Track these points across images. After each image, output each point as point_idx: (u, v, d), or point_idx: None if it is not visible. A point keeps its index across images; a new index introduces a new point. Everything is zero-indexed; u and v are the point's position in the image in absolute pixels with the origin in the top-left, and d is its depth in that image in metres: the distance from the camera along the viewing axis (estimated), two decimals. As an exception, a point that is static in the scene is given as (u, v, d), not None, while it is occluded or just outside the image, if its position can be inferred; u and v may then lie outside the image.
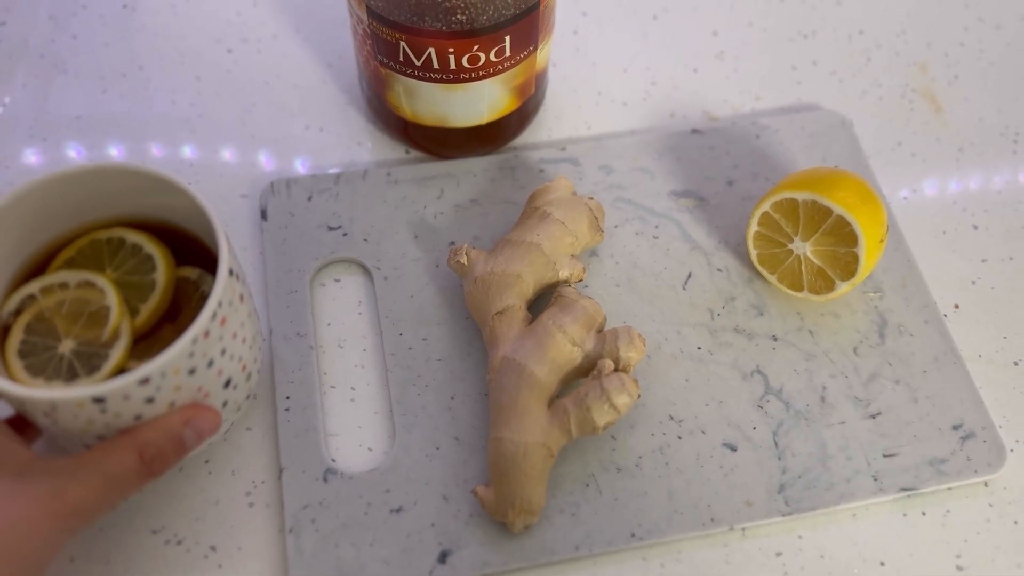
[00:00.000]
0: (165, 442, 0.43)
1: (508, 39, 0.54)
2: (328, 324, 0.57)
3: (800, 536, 0.52)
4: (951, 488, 0.53)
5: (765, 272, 0.57)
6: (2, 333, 0.46)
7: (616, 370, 0.51)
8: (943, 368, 0.56)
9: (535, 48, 0.57)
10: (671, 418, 0.54)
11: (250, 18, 0.70)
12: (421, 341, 0.56)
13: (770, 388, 0.55)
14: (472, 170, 0.62)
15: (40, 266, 0.48)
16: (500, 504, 0.49)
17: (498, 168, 0.62)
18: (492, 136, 0.62)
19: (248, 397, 0.50)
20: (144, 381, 0.41)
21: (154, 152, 0.63)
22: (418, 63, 0.55)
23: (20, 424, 0.46)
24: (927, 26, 0.73)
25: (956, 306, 0.60)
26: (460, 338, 0.56)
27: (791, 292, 0.57)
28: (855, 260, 0.54)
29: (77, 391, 0.40)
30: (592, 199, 0.57)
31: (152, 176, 0.46)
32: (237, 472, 0.52)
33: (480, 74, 0.56)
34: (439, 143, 0.62)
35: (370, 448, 0.53)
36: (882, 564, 0.51)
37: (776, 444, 0.53)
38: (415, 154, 0.64)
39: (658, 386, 0.55)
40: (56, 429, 0.43)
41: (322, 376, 0.55)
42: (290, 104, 0.66)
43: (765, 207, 0.55)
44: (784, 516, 0.51)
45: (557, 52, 0.69)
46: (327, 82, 0.67)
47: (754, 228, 0.56)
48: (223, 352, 0.45)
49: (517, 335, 0.52)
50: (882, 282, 0.59)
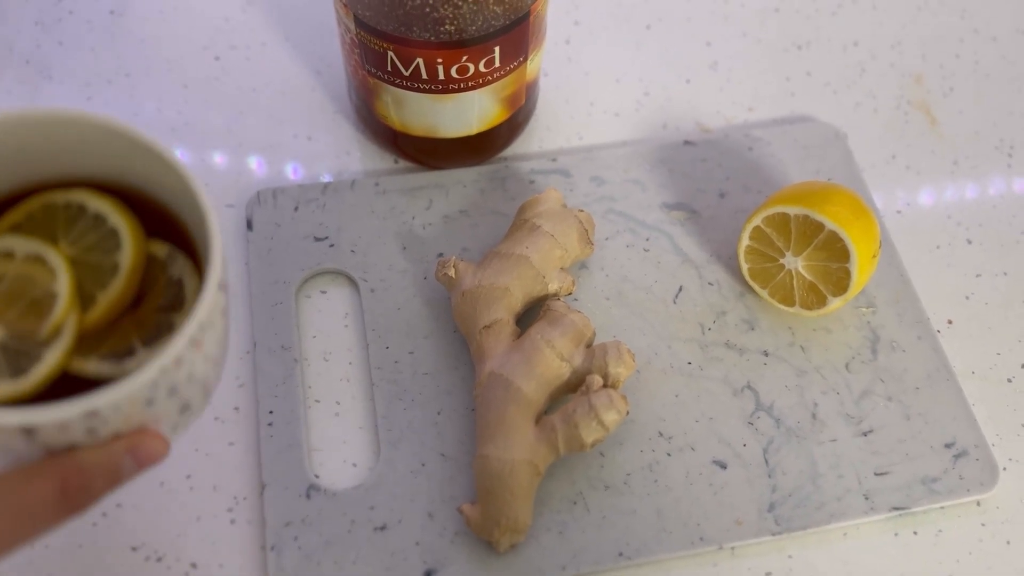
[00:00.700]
0: (97, 473, 0.34)
1: (497, 50, 0.53)
2: (313, 337, 0.56)
3: (790, 556, 0.51)
4: (943, 507, 0.53)
5: (756, 287, 0.57)
6: None
7: (605, 386, 0.50)
8: (936, 385, 0.56)
9: (525, 59, 0.56)
10: (660, 435, 0.53)
11: (239, 25, 0.69)
12: (408, 355, 0.55)
13: (761, 404, 0.54)
14: (461, 181, 0.61)
15: None
16: (486, 522, 0.48)
17: (488, 179, 0.61)
18: (482, 146, 0.61)
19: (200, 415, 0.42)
20: (91, 414, 0.32)
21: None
22: (406, 73, 0.54)
23: None
24: (922, 38, 0.72)
25: (949, 322, 0.59)
26: (447, 352, 0.55)
27: (783, 307, 0.56)
28: (847, 275, 0.53)
29: (4, 417, 0.31)
30: (582, 211, 0.57)
31: (138, 142, 0.37)
32: (219, 488, 0.51)
33: (469, 85, 0.55)
34: (428, 153, 0.61)
35: (354, 464, 0.52)
36: (873, 584, 0.50)
37: (767, 462, 0.52)
38: (404, 164, 0.63)
39: (648, 402, 0.54)
40: None
41: (306, 390, 0.54)
42: (278, 113, 0.65)
43: (757, 221, 0.55)
44: (774, 535, 0.50)
45: (549, 62, 0.69)
46: (316, 90, 0.66)
47: (745, 242, 0.56)
48: (189, 378, 0.36)
49: (505, 349, 0.51)
50: (875, 297, 0.58)
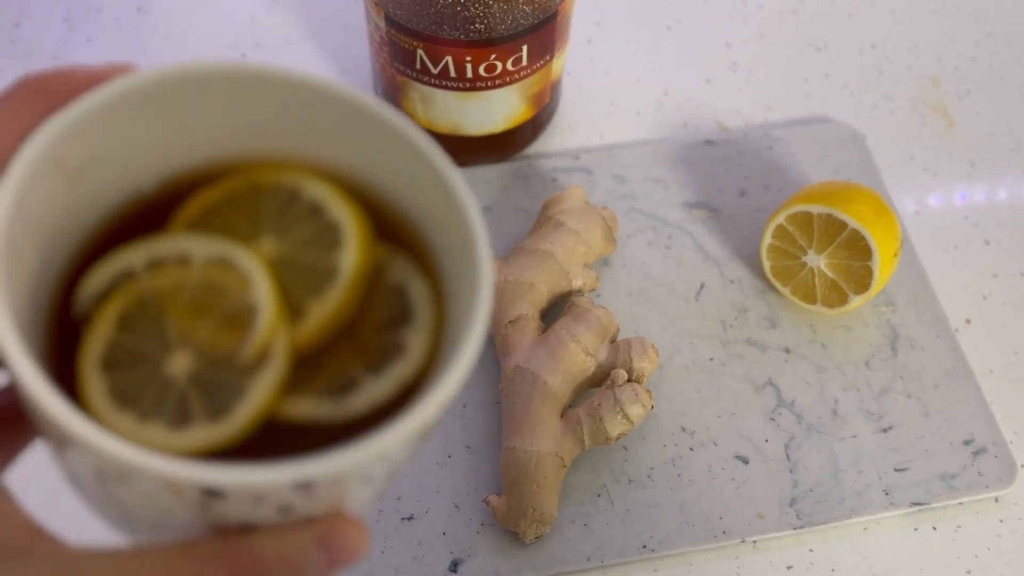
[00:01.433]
0: (277, 567, 0.25)
1: (525, 48, 0.54)
2: (340, 330, 0.56)
3: (811, 550, 0.52)
4: (962, 503, 0.53)
5: (778, 284, 0.57)
6: (72, 329, 0.27)
7: (629, 380, 0.51)
8: (954, 383, 0.56)
9: (551, 57, 0.57)
10: (683, 429, 0.54)
11: (264, 23, 0.70)
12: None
13: (782, 401, 0.55)
14: (485, 178, 0.62)
15: (152, 215, 0.29)
16: (512, 514, 0.49)
17: (511, 176, 0.62)
18: (506, 144, 0.62)
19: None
20: (302, 487, 0.23)
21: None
22: (435, 71, 0.55)
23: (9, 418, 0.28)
24: (938, 41, 0.73)
25: (967, 321, 0.60)
26: (472, 346, 0.56)
27: (804, 305, 0.57)
28: (869, 274, 0.54)
29: (181, 468, 0.22)
30: (606, 208, 0.57)
31: (391, 127, 0.28)
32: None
33: (497, 83, 0.56)
34: (452, 151, 0.61)
35: (382, 455, 0.53)
36: (893, 578, 0.51)
37: (788, 457, 0.53)
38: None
39: (670, 397, 0.55)
40: (95, 495, 0.26)
41: (334, 382, 0.55)
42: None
43: (779, 219, 0.55)
44: (795, 529, 0.51)
45: (571, 61, 0.69)
46: (340, 88, 0.67)
47: (768, 240, 0.56)
48: (410, 457, 0.28)
49: (530, 344, 0.52)
50: (894, 296, 0.59)
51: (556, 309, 0.56)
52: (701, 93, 0.69)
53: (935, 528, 0.53)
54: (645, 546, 0.50)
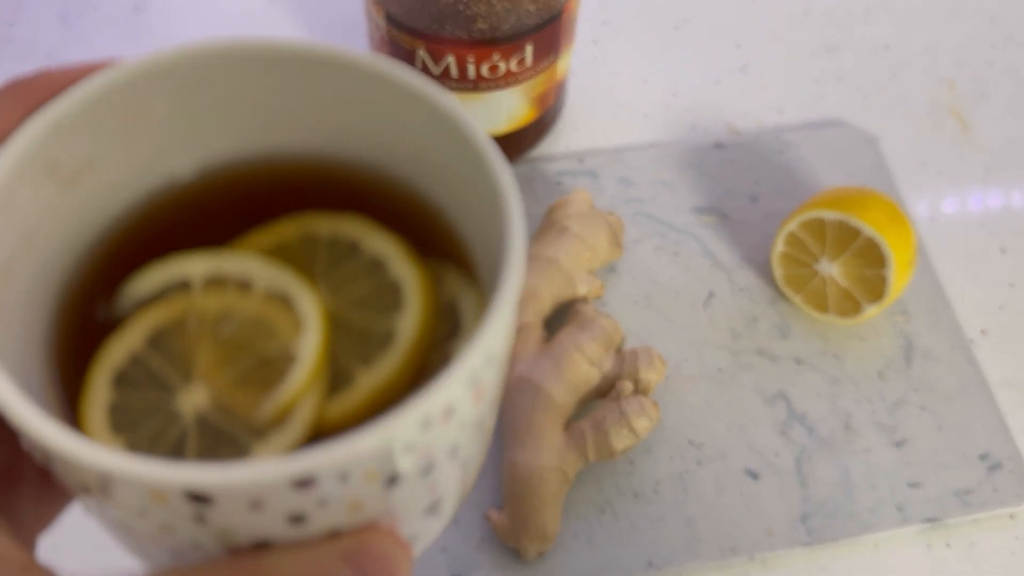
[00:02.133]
0: None
1: (529, 48, 0.53)
2: (338, 337, 0.55)
3: (822, 567, 0.50)
4: (976, 519, 0.52)
5: (790, 293, 0.56)
6: (98, 330, 0.25)
7: (635, 392, 0.50)
8: (969, 395, 0.55)
9: (556, 58, 0.55)
10: (690, 443, 0.52)
11: (262, 21, 0.69)
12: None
13: (793, 413, 0.53)
14: (488, 181, 0.60)
15: (201, 206, 0.27)
16: (513, 529, 0.47)
17: (515, 179, 0.60)
18: (510, 146, 0.60)
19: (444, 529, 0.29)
20: (302, 484, 0.20)
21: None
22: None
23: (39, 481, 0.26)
24: (954, 43, 0.71)
25: (983, 331, 0.58)
26: (474, 355, 0.54)
27: (816, 314, 0.55)
28: (883, 282, 0.52)
29: (160, 470, 0.19)
30: (612, 213, 0.56)
31: (448, 118, 0.24)
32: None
33: (500, 83, 0.54)
34: (455, 153, 0.60)
35: (380, 467, 0.51)
36: (906, 598, 0.50)
37: (799, 471, 0.51)
38: (430, 164, 0.62)
39: (677, 409, 0.53)
40: (102, 518, 0.23)
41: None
42: (303, 110, 0.65)
43: (791, 226, 0.54)
44: (806, 546, 0.49)
45: (577, 61, 0.68)
46: (341, 88, 0.66)
47: (780, 248, 0.55)
48: (453, 451, 0.23)
49: (534, 354, 0.51)
50: (908, 305, 0.57)
51: (560, 317, 0.55)
52: (710, 95, 0.67)
53: (949, 545, 0.51)
54: (651, 563, 0.49)
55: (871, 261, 0.52)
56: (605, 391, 0.50)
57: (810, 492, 0.51)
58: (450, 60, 0.52)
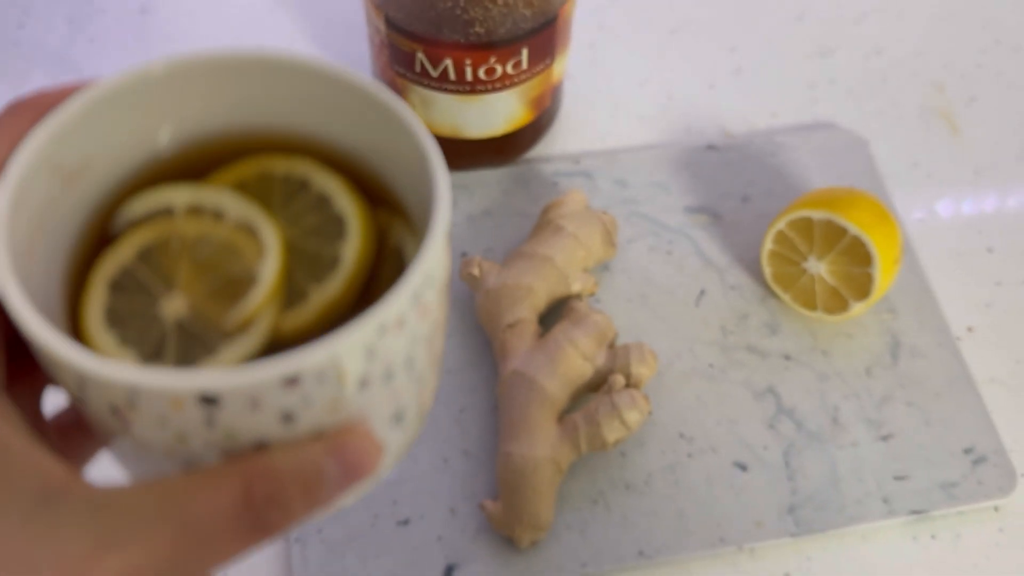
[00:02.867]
0: (291, 479, 0.26)
1: (525, 52, 0.54)
2: (338, 333, 0.56)
3: (809, 558, 0.51)
4: (961, 512, 0.53)
5: (779, 291, 0.57)
6: (97, 246, 0.30)
7: (627, 386, 0.51)
8: (956, 391, 0.56)
9: (552, 61, 0.57)
10: (681, 436, 0.53)
11: (267, 24, 0.70)
12: (431, 352, 0.55)
13: (782, 408, 0.54)
14: (486, 182, 0.62)
15: (184, 173, 0.31)
16: (508, 519, 0.49)
17: (512, 180, 0.62)
18: (507, 148, 0.62)
19: (410, 446, 0.33)
20: (290, 382, 0.24)
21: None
22: (435, 74, 0.54)
23: (67, 432, 0.31)
24: (944, 47, 0.73)
25: (970, 329, 0.59)
26: (471, 350, 0.55)
27: (805, 311, 0.57)
28: (870, 280, 0.53)
29: (177, 379, 0.24)
30: (606, 213, 0.57)
31: (343, 84, 0.30)
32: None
33: (497, 86, 0.55)
34: (453, 154, 0.62)
35: (378, 459, 0.53)
36: (891, 588, 0.51)
37: (787, 465, 0.53)
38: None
39: (669, 403, 0.54)
40: (124, 439, 0.27)
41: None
42: (305, 112, 0.66)
43: (780, 225, 0.55)
44: (794, 537, 0.51)
45: (573, 65, 0.69)
46: (342, 90, 0.67)
47: (769, 246, 0.56)
48: (409, 363, 0.28)
49: (528, 348, 0.52)
50: (896, 303, 0.58)
51: (554, 313, 0.56)
52: (705, 98, 0.69)
53: (934, 537, 0.52)
54: (642, 553, 0.50)
55: (857, 259, 0.53)
56: (598, 385, 0.52)
57: (798, 484, 0.52)
58: (448, 63, 0.53)
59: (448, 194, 0.27)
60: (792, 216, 0.55)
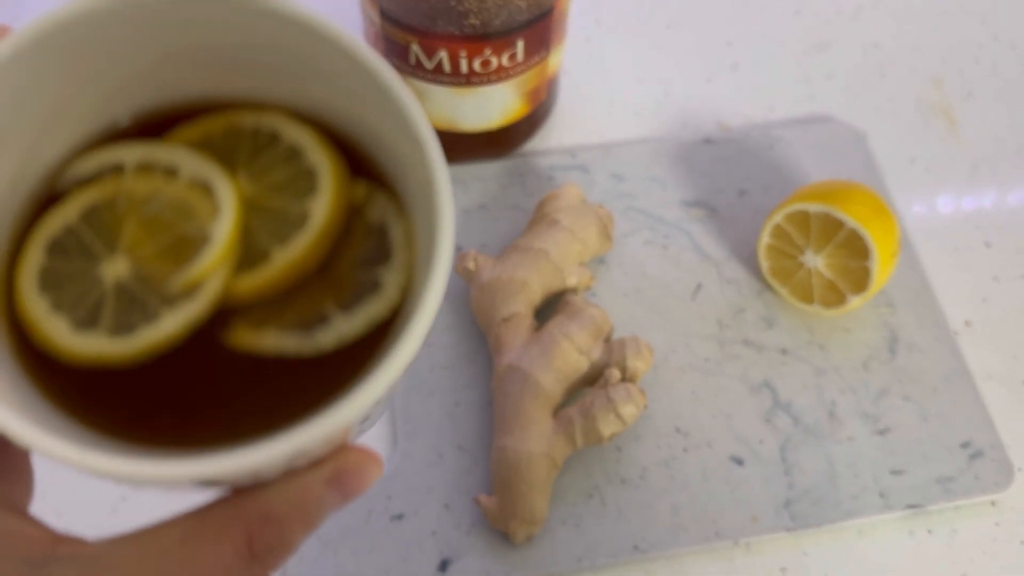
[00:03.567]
0: (291, 519, 0.25)
1: (520, 44, 0.54)
2: (333, 327, 0.56)
3: (805, 552, 0.51)
4: (958, 507, 0.53)
5: (776, 284, 0.57)
6: (42, 203, 0.28)
7: (623, 380, 0.51)
8: (953, 386, 0.56)
9: (547, 53, 0.56)
10: (677, 430, 0.53)
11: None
12: (425, 347, 0.55)
13: (779, 402, 0.54)
14: (481, 175, 0.61)
15: (141, 132, 0.29)
16: (502, 514, 0.48)
17: (508, 174, 0.61)
18: (502, 141, 0.61)
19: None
20: (298, 456, 0.23)
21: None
22: (429, 66, 0.54)
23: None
24: (942, 42, 0.72)
25: (967, 323, 0.59)
26: (465, 345, 0.55)
27: (802, 305, 0.56)
28: (867, 274, 0.53)
29: (172, 470, 0.22)
30: (602, 207, 0.57)
31: (335, 44, 0.26)
32: (237, 475, 0.52)
33: (492, 78, 0.55)
34: (448, 147, 0.61)
35: (372, 453, 0.52)
36: (888, 583, 0.51)
37: (784, 459, 0.52)
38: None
39: (665, 398, 0.54)
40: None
41: (326, 380, 0.54)
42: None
43: (777, 219, 0.55)
44: (789, 532, 0.50)
45: (570, 59, 0.69)
46: (338, 84, 0.67)
47: (765, 240, 0.56)
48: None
49: (523, 343, 0.52)
50: (893, 297, 0.58)
51: (550, 308, 0.56)
52: (701, 93, 0.68)
53: (930, 532, 0.52)
54: (637, 547, 0.50)
55: (855, 253, 0.53)
56: (593, 379, 0.51)
57: (794, 479, 0.52)
58: (443, 55, 0.53)
59: (449, 202, 0.25)
60: (789, 210, 0.54)
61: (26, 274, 0.26)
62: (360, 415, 0.23)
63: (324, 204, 0.27)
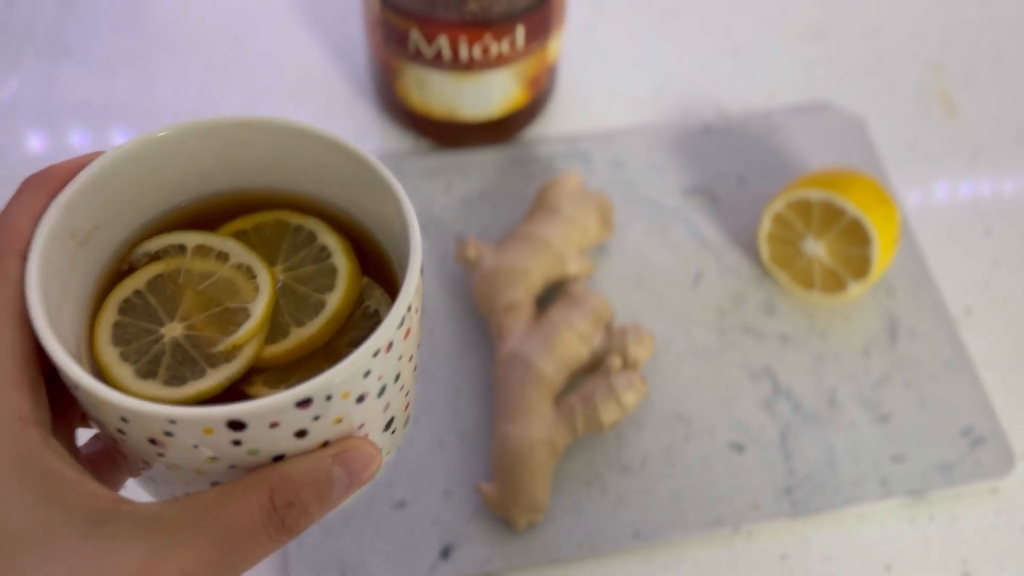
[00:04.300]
0: (305, 484, 0.30)
1: (521, 30, 0.53)
2: (333, 315, 0.56)
3: (806, 539, 0.51)
4: (959, 493, 0.53)
5: (776, 271, 0.57)
6: (116, 277, 0.34)
7: (624, 368, 0.51)
8: (953, 372, 0.56)
9: (547, 40, 0.56)
10: (678, 418, 0.53)
11: (260, 5, 0.70)
12: (427, 335, 0.55)
13: (779, 389, 0.54)
14: (481, 163, 0.61)
15: (197, 224, 0.36)
16: (504, 501, 0.48)
17: (508, 162, 0.61)
18: (502, 129, 0.61)
19: (398, 447, 0.38)
20: (303, 403, 0.29)
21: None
22: (429, 53, 0.54)
23: (96, 464, 0.35)
24: (942, 27, 0.72)
25: (968, 310, 0.59)
26: (466, 333, 0.55)
27: (802, 292, 0.56)
28: (868, 261, 0.53)
29: (209, 410, 0.28)
30: (602, 194, 0.57)
31: (349, 155, 0.35)
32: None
33: (492, 65, 0.55)
34: (448, 135, 0.61)
35: (373, 441, 0.52)
36: (888, 568, 0.50)
37: (784, 446, 0.52)
38: (423, 146, 0.63)
39: (665, 385, 0.54)
40: (158, 464, 0.31)
41: (326, 368, 0.54)
42: (298, 92, 0.65)
43: (778, 206, 0.55)
44: (790, 518, 0.50)
45: (570, 47, 0.69)
46: (336, 72, 0.67)
47: (766, 227, 0.56)
48: (396, 378, 0.33)
49: (524, 330, 0.52)
50: (893, 284, 0.58)
51: (551, 296, 0.55)
52: (701, 80, 0.68)
53: (931, 518, 0.52)
54: (638, 535, 0.50)
55: (855, 240, 0.53)
56: (594, 367, 0.51)
57: (795, 466, 0.52)
58: (442, 41, 0.53)
59: (419, 237, 0.32)
60: (790, 197, 0.54)
61: (103, 328, 0.33)
62: (343, 385, 0.30)
63: (338, 298, 0.34)
